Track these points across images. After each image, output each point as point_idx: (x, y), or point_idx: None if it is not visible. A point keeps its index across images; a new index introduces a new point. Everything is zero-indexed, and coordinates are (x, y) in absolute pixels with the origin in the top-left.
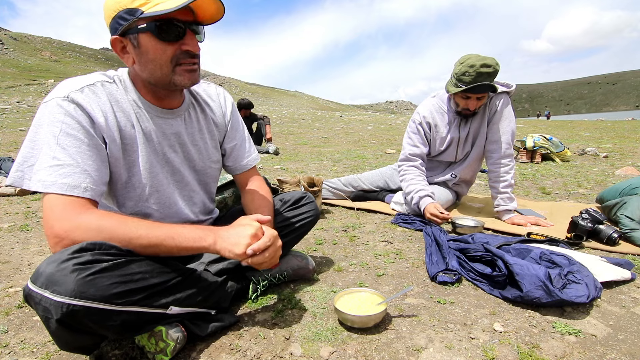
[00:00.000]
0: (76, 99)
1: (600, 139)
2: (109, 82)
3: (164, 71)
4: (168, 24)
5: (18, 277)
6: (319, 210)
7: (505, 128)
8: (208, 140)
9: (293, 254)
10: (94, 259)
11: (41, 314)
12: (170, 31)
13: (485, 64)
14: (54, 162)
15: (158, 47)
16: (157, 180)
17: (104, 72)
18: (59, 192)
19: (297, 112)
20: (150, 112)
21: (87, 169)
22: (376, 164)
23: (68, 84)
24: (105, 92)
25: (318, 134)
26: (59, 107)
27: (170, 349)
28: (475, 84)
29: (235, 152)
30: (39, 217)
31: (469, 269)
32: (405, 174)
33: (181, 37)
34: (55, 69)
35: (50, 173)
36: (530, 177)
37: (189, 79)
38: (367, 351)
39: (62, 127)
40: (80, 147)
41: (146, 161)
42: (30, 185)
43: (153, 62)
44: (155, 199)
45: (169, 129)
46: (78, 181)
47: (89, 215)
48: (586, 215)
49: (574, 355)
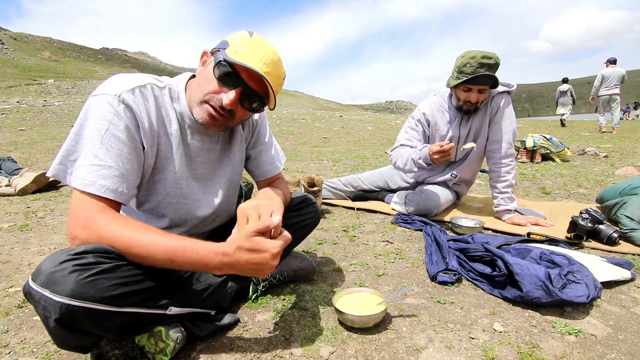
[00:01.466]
0: (127, 100)
1: (600, 139)
2: (159, 87)
3: (196, 97)
4: (230, 72)
5: (18, 277)
6: (319, 211)
7: (507, 128)
8: (237, 153)
9: (293, 254)
10: (95, 260)
11: (40, 312)
12: (226, 77)
13: (487, 55)
14: (95, 160)
15: (210, 77)
16: (183, 192)
17: (156, 77)
18: (96, 194)
19: (297, 112)
20: (192, 128)
21: (125, 172)
22: (376, 164)
23: (120, 81)
24: (154, 96)
25: (318, 133)
26: (109, 105)
27: (169, 349)
28: (477, 74)
29: (259, 158)
30: (39, 217)
31: (469, 269)
32: (397, 155)
33: (229, 88)
34: (55, 69)
35: (90, 172)
36: (530, 177)
37: (203, 119)
38: (367, 351)
39: (108, 127)
40: (123, 149)
41: (177, 171)
42: (71, 181)
43: (198, 84)
44: (174, 208)
45: (206, 145)
46: (116, 185)
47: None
48: (586, 215)
49: (574, 355)
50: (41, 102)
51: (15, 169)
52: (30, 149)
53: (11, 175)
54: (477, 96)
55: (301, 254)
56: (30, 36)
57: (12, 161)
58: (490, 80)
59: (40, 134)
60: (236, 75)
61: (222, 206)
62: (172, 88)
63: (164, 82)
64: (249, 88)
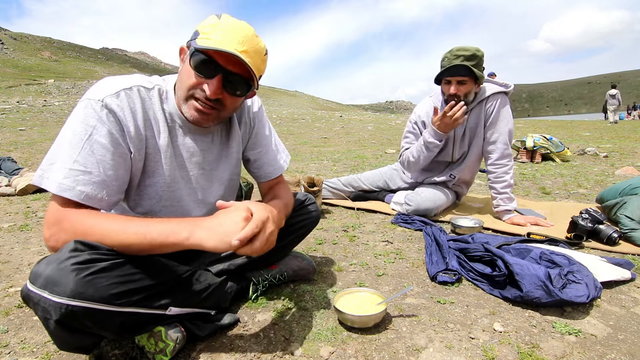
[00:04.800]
0: (110, 105)
1: (600, 139)
2: (146, 89)
3: (180, 95)
4: (205, 60)
5: (18, 277)
6: (320, 211)
7: (503, 128)
8: (234, 153)
9: (293, 254)
10: (91, 257)
11: (40, 314)
12: (202, 67)
13: (463, 47)
14: (75, 165)
15: (188, 72)
16: (175, 195)
17: (144, 77)
18: (73, 199)
19: (297, 112)
20: (184, 128)
21: (107, 179)
22: (376, 164)
23: (105, 85)
24: (140, 99)
25: (318, 133)
26: (92, 111)
27: (169, 349)
28: (451, 64)
29: (259, 160)
30: (39, 217)
31: (469, 269)
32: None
33: (208, 77)
34: (55, 68)
35: (67, 176)
36: (530, 177)
37: (192, 114)
38: (367, 351)
39: (91, 133)
40: (105, 155)
41: (169, 174)
42: (47, 185)
43: (180, 81)
44: (169, 212)
45: (200, 145)
46: (95, 191)
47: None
48: (586, 215)
49: (574, 355)
50: (41, 102)
51: (15, 169)
52: (30, 149)
53: (11, 175)
54: (457, 87)
55: (301, 254)
56: (30, 36)
57: (12, 161)
58: (465, 70)
59: (40, 134)
60: (212, 62)
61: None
62: (162, 88)
63: (152, 83)
64: (229, 73)
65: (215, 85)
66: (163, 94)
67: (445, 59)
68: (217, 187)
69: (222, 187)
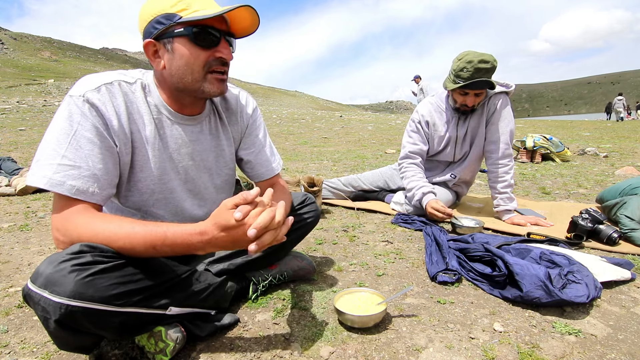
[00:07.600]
0: (91, 99)
1: (600, 139)
2: (127, 83)
3: (195, 77)
4: (205, 30)
5: (18, 277)
6: (319, 211)
7: (504, 128)
8: (226, 148)
9: (293, 254)
10: (93, 260)
11: (40, 314)
12: (207, 37)
13: (483, 59)
14: (64, 160)
15: (193, 52)
16: (168, 187)
17: (125, 72)
18: (66, 194)
19: (297, 112)
20: (171, 119)
21: (98, 173)
22: (376, 164)
23: (86, 81)
24: (122, 93)
25: (318, 134)
26: (75, 107)
27: (169, 349)
28: (473, 80)
29: (254, 160)
30: (39, 217)
31: (469, 269)
32: (406, 171)
33: (216, 45)
34: (55, 68)
35: (57, 171)
36: (530, 177)
37: (218, 87)
38: (367, 351)
39: (77, 128)
40: (93, 149)
41: (159, 167)
42: (38, 182)
43: (185, 67)
44: (162, 204)
45: (189, 136)
46: (86, 185)
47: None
48: (586, 215)
49: (574, 355)
50: (41, 102)
51: (15, 169)
52: (30, 149)
53: (11, 175)
54: (474, 100)
55: (301, 254)
56: (30, 36)
57: (12, 161)
58: (487, 85)
59: (40, 134)
60: (212, 29)
61: (214, 199)
62: (143, 82)
63: (134, 77)
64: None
65: (227, 47)
66: (146, 87)
67: (464, 70)
68: (208, 178)
69: (214, 178)
